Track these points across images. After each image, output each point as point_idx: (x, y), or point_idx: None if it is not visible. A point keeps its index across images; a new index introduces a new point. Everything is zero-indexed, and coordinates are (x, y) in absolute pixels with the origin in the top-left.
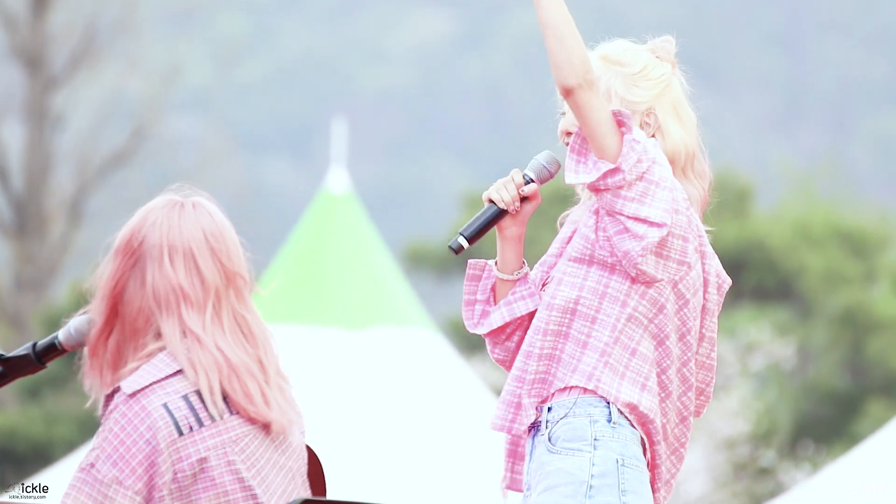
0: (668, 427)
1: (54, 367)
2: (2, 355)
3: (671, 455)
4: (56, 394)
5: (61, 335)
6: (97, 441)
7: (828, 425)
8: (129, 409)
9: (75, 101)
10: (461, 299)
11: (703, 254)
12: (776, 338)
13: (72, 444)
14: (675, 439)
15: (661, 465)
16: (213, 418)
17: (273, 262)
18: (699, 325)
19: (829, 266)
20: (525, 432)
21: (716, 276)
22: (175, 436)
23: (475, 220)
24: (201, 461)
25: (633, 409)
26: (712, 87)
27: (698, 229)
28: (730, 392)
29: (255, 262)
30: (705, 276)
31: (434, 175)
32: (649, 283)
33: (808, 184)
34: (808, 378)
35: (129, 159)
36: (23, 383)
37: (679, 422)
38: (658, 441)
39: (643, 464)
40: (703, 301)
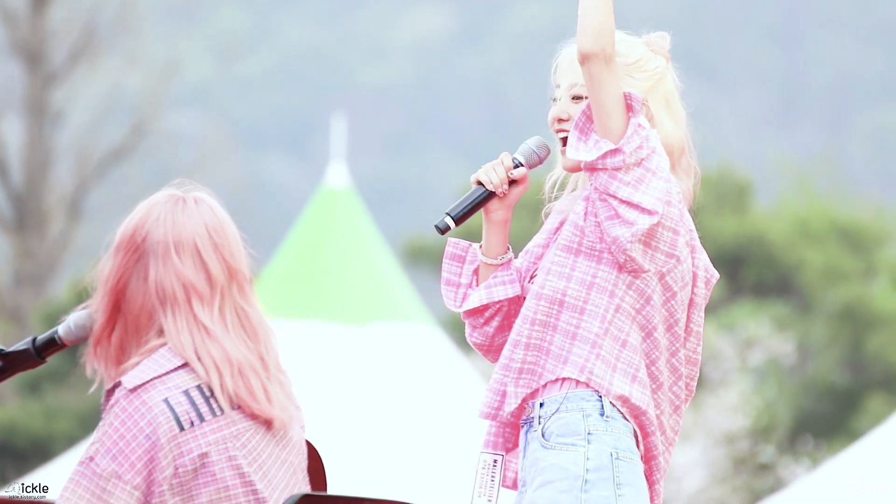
0: (662, 418)
1: (54, 361)
2: (1, 350)
3: (669, 446)
4: (56, 388)
5: (61, 330)
6: (97, 435)
7: (827, 421)
8: (129, 403)
9: (75, 97)
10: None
11: (692, 248)
12: (775, 333)
13: (72, 438)
14: (670, 429)
15: (658, 457)
16: (213, 413)
17: (273, 257)
18: (686, 317)
19: (828, 261)
20: (512, 416)
21: (704, 271)
22: (176, 431)
23: (462, 200)
24: (202, 456)
25: (625, 401)
26: (710, 84)
27: (689, 224)
28: (729, 387)
29: (255, 257)
30: (694, 271)
31: (433, 170)
32: (636, 272)
33: (805, 179)
34: (807, 373)
35: (128, 155)
36: (23, 378)
37: (672, 412)
38: (653, 432)
39: (637, 456)
40: (691, 295)
